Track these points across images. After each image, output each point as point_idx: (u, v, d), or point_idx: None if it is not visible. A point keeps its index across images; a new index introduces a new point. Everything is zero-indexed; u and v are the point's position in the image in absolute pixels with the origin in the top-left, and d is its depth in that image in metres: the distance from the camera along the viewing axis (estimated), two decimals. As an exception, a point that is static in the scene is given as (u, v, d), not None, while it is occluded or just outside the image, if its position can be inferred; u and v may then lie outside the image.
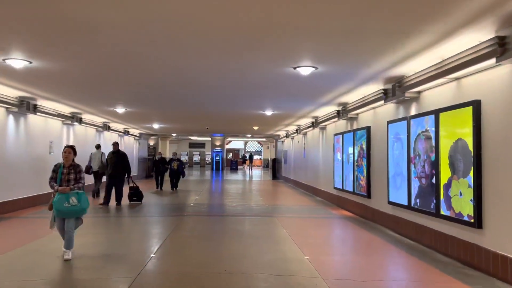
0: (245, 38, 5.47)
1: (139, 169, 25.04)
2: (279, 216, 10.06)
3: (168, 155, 47.35)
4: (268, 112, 13.34)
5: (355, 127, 10.82)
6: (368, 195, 9.64)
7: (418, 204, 7.03)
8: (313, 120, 14.88)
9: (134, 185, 12.41)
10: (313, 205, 12.70)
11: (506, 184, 4.97)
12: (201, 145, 50.73)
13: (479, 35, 4.87)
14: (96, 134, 17.11)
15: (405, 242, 7.21)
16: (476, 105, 5.46)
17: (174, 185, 17.13)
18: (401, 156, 7.79)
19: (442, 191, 6.25)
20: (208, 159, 47.08)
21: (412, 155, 7.31)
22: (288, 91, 9.54)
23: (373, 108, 9.43)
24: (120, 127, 19.90)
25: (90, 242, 6.94)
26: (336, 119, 11.98)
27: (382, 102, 8.42)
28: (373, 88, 8.41)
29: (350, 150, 11.02)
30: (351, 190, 10.81)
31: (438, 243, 6.40)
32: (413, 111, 7.45)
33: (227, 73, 7.62)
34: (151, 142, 39.45)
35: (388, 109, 8.58)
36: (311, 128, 15.48)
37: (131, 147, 23.69)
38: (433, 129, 6.51)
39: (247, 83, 8.60)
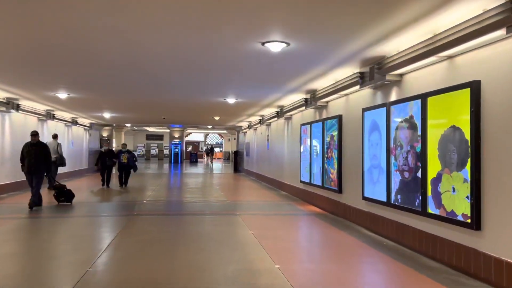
0: (207, 9, 4.52)
1: (90, 162, 23.24)
2: (243, 214, 9.10)
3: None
4: (231, 100, 12.30)
5: (324, 116, 10.01)
6: (339, 190, 8.86)
7: (400, 200, 6.28)
8: (278, 109, 14.00)
9: (58, 184, 10.56)
10: (278, 200, 11.85)
11: (510, 178, 4.24)
12: (159, 137, 48.87)
13: (483, 3, 4.08)
14: (39, 123, 15.37)
15: (384, 243, 6.45)
16: (475, 87, 4.69)
17: (124, 181, 14.88)
18: (379, 147, 7.02)
19: (429, 187, 5.50)
20: (166, 151, 45.34)
21: (392, 145, 6.54)
22: (254, 75, 8.55)
23: (346, 94, 8.63)
24: (67, 116, 18.16)
25: (8, 253, 5.67)
26: (303, 107, 11.13)
27: (357, 87, 7.59)
28: (348, 71, 7.57)
29: (319, 141, 10.22)
30: (320, 184, 10.02)
31: (424, 246, 5.66)
32: (393, 97, 6.67)
33: (186, 51, 6.53)
34: (105, 134, 37.38)
35: (363, 96, 7.79)
36: (276, 118, 14.59)
37: (81, 138, 21.90)
38: (420, 116, 5.74)
39: (209, 64, 7.54)
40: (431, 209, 5.44)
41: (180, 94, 11.78)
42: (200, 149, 55.49)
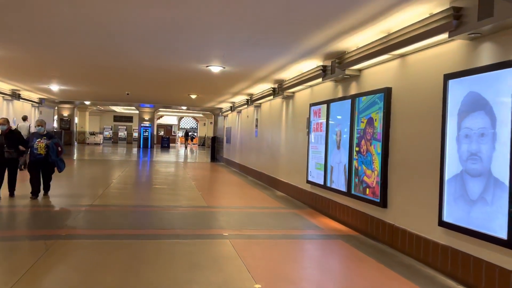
0: None
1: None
2: (234, 237, 5.92)
3: (87, 129, 41.14)
4: (215, 68, 9.00)
5: (354, 91, 6.92)
6: (383, 203, 5.82)
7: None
8: (275, 85, 10.80)
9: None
10: (277, 206, 8.74)
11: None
12: (128, 118, 44.84)
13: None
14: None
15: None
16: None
17: (44, 187, 8.49)
18: (488, 140, 3.98)
19: None
20: (136, 134, 41.43)
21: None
22: (258, 19, 5.34)
23: (401, 56, 5.54)
24: (4, 87, 14.37)
25: None
26: (317, 80, 8.02)
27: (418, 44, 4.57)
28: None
29: (343, 127, 7.15)
30: (344, 189, 6.97)
31: None
32: None
33: None
34: (65, 113, 33.21)
35: (444, 53, 4.71)
36: (271, 97, 11.39)
37: (28, 116, 18.03)
38: None
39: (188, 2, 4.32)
40: None
41: (146, 57, 8.44)
42: (173, 133, 51.79)
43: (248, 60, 8.25)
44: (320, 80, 7.82)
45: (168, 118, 50.19)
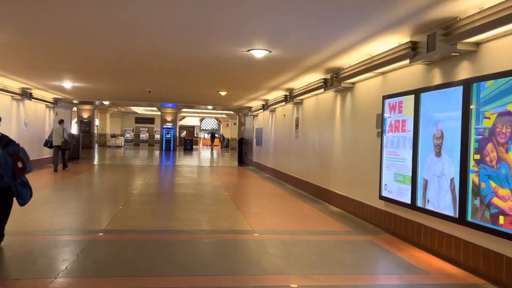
0: None
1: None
2: (305, 288, 3.99)
3: (109, 132, 39.76)
4: (259, 53, 7.03)
5: (467, 74, 4.85)
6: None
7: None
8: (328, 76, 8.79)
9: None
10: (342, 230, 6.70)
11: None
12: (150, 120, 43.51)
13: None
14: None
15: None
16: None
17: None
18: None
19: None
20: (158, 137, 40.00)
21: None
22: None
23: None
24: (13, 84, 12.81)
25: None
26: (396, 64, 5.99)
27: None
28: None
29: (445, 126, 5.11)
30: (452, 213, 4.92)
31: None
32: None
33: None
34: (85, 115, 31.89)
35: None
36: (320, 90, 9.37)
37: (41, 118, 16.52)
38: None
39: None
40: None
41: (173, 43, 6.61)
42: (195, 135, 50.23)
43: (303, 40, 6.28)
44: (405, 62, 5.79)
45: (189, 119, 48.64)
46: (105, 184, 12.61)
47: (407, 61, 5.70)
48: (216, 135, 41.77)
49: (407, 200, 5.87)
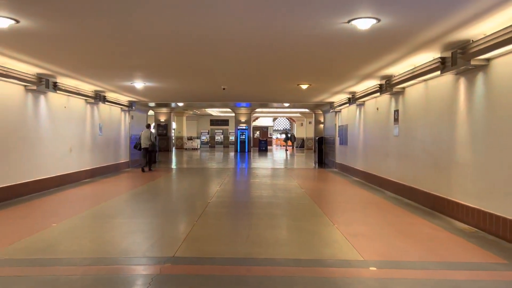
0: None
1: (133, 154, 17.50)
2: None
3: (185, 134, 39.97)
4: (365, 23, 5.29)
5: None
6: None
7: None
8: (447, 54, 6.79)
9: None
10: (491, 262, 4.79)
11: None
12: (224, 122, 43.23)
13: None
14: (28, 96, 9.54)
15: None
16: None
17: None
18: None
19: None
20: (232, 138, 39.45)
21: None
22: None
23: None
24: (88, 88, 12.34)
25: None
26: None
27: None
28: None
29: None
30: None
31: None
32: None
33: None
34: (162, 118, 32.06)
35: None
36: (436, 72, 7.37)
37: (116, 122, 16.15)
38: None
39: None
40: None
41: (255, 24, 5.14)
42: (269, 135, 49.16)
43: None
44: None
45: (262, 119, 47.69)
46: (179, 192, 11.63)
47: None
48: (289, 135, 40.25)
49: None
